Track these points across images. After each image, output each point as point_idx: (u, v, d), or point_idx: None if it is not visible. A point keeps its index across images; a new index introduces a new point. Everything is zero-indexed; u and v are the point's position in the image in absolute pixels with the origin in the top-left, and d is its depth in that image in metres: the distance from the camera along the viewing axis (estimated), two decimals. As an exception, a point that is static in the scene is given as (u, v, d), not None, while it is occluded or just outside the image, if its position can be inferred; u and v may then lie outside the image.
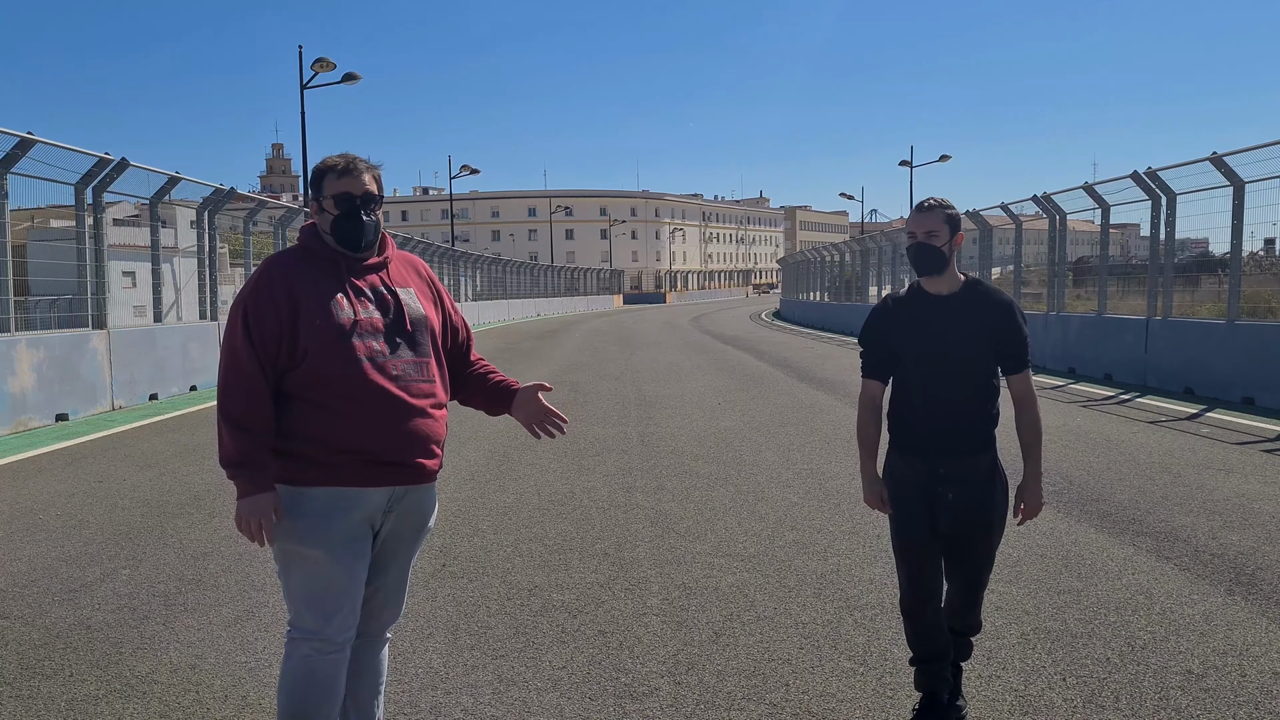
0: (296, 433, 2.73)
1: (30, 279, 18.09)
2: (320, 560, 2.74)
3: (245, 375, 2.70)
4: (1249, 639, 4.23)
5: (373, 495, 2.78)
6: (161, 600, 4.87)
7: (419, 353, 2.86)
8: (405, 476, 2.82)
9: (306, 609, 2.76)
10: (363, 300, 2.80)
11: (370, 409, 2.73)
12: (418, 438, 2.81)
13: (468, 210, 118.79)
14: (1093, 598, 4.78)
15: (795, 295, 47.13)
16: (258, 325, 2.71)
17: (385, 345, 2.79)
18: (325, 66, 25.33)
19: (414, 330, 2.86)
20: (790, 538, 5.95)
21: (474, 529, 6.23)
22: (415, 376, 2.83)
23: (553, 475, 7.93)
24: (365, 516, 2.79)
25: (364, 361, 2.73)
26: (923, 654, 3.42)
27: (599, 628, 4.45)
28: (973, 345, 3.27)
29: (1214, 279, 19.27)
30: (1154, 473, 7.73)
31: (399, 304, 2.86)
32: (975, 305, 3.31)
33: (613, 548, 5.76)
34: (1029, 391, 3.35)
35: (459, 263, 39.42)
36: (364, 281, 2.84)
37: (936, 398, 3.30)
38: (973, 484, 3.31)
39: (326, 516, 2.73)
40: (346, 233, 2.80)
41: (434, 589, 5.01)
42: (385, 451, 2.75)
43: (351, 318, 2.75)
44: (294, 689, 2.79)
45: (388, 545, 2.90)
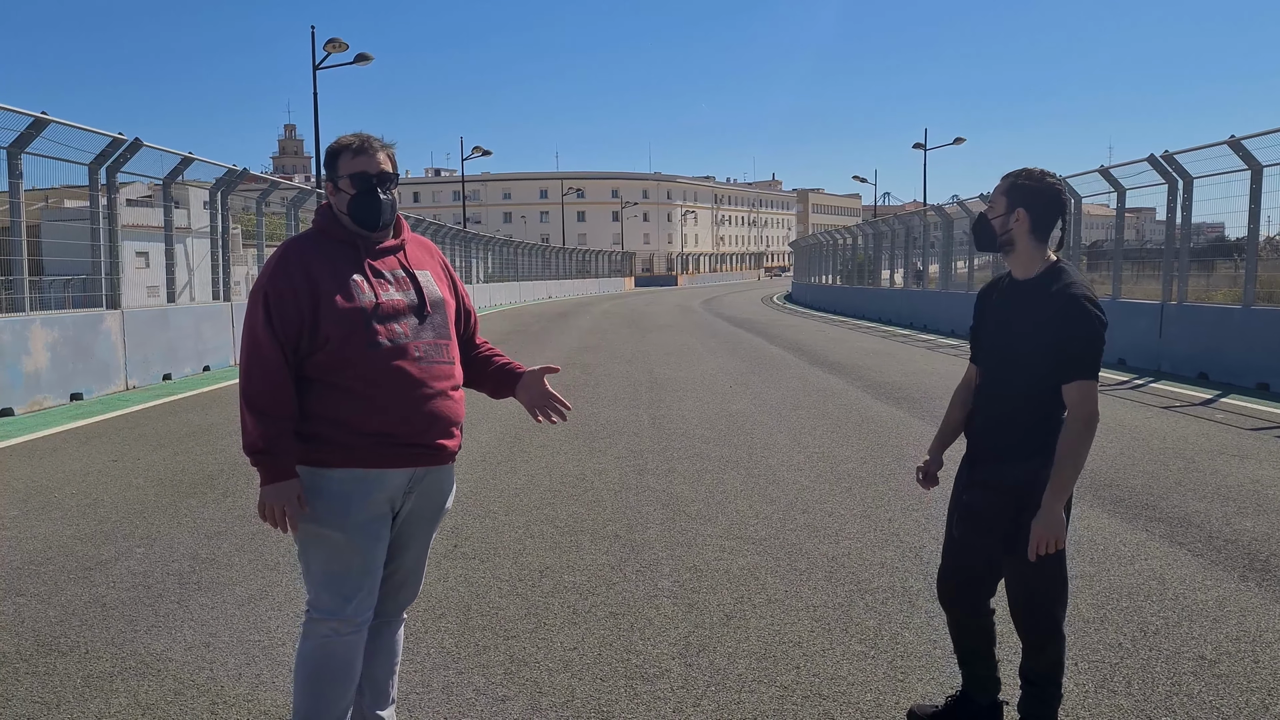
0: (318, 415, 2.74)
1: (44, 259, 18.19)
2: (340, 542, 2.75)
3: (268, 362, 2.70)
4: (1262, 625, 4.22)
5: (394, 476, 2.79)
6: (176, 579, 4.90)
7: (439, 334, 2.88)
8: (426, 458, 2.83)
9: (326, 590, 2.77)
10: (382, 283, 2.80)
11: (392, 391, 2.74)
12: (439, 419, 2.83)
13: (479, 192, 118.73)
14: (1105, 583, 4.77)
15: (807, 279, 46.99)
16: (279, 312, 2.70)
17: (406, 328, 2.79)
18: (338, 47, 25.27)
19: (433, 312, 2.87)
20: (801, 521, 5.95)
21: (485, 510, 6.24)
22: (436, 358, 2.84)
23: (564, 457, 7.94)
24: (386, 498, 2.80)
25: (386, 344, 2.74)
26: (956, 647, 3.27)
27: (610, 609, 4.46)
28: (1027, 341, 2.92)
29: (1229, 264, 19.16)
30: (1167, 458, 7.69)
31: (418, 286, 2.86)
32: (1042, 295, 2.92)
33: (624, 530, 5.77)
34: (1076, 405, 2.87)
35: (471, 244, 39.41)
36: (382, 264, 2.84)
37: (987, 393, 3.07)
38: (999, 492, 2.97)
39: (347, 498, 2.74)
40: (364, 211, 2.78)
41: (446, 570, 5.03)
42: (407, 433, 2.77)
43: (373, 300, 2.75)
44: (311, 670, 2.80)
45: (406, 526, 2.91)
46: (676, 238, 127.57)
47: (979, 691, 3.23)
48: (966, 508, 3.06)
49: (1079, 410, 2.88)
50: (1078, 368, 2.87)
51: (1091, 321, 2.85)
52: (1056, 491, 2.86)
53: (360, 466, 2.74)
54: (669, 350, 18.23)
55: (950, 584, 3.20)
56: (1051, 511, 2.85)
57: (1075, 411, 2.88)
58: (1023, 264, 2.99)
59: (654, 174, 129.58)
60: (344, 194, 2.79)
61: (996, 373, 3.05)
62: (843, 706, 3.50)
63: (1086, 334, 2.85)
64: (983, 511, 3.01)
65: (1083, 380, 2.87)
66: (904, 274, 29.78)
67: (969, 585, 3.15)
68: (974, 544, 3.06)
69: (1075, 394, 2.88)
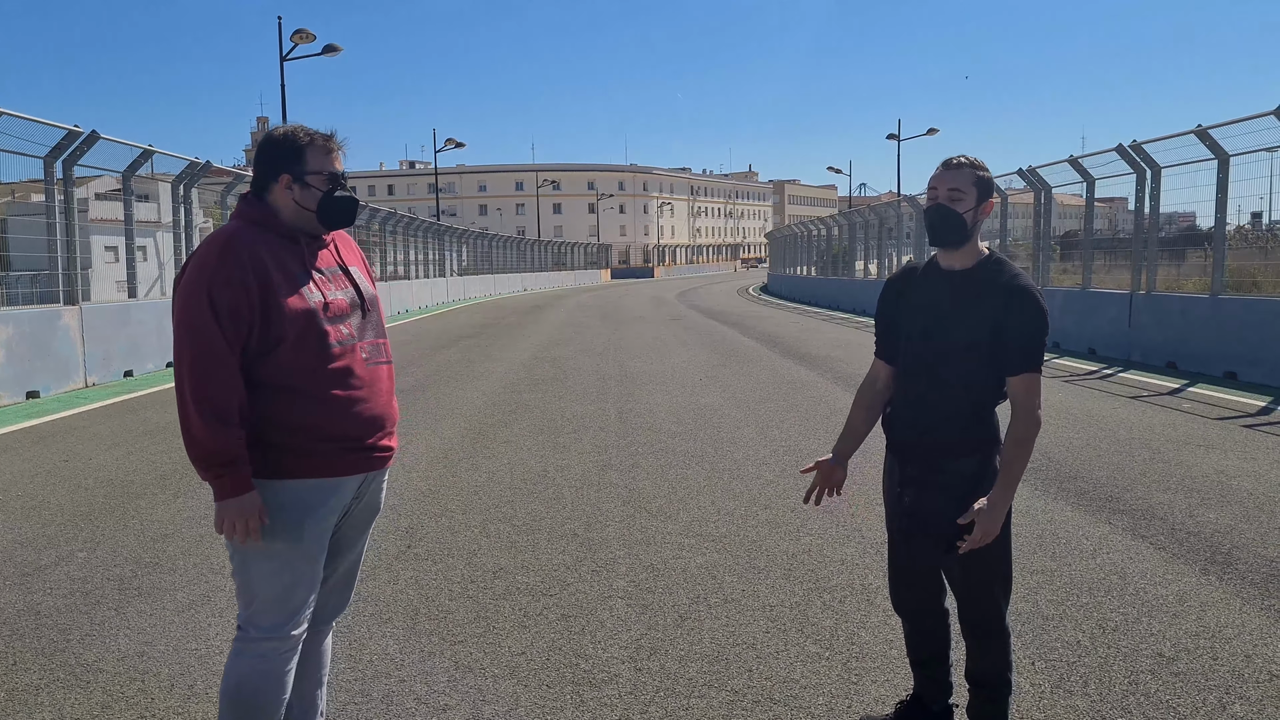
0: (272, 422, 2.58)
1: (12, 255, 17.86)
2: (293, 556, 2.62)
3: (222, 363, 2.51)
4: (1221, 620, 4.16)
5: (348, 484, 2.69)
6: (116, 584, 4.75)
7: (378, 333, 2.80)
8: (376, 461, 2.75)
9: (271, 607, 2.63)
10: (324, 281, 2.69)
11: (345, 395, 2.64)
12: (387, 420, 2.76)
13: (454, 184, 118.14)
14: (1066, 578, 4.71)
15: (783, 270, 47.00)
16: (227, 311, 2.52)
17: (352, 327, 2.70)
18: (305, 38, 24.95)
19: (371, 310, 2.78)
20: (763, 517, 5.86)
21: (442, 509, 6.12)
22: (379, 358, 2.76)
23: (527, 453, 7.82)
24: (339, 505, 2.69)
25: (335, 346, 2.63)
26: (909, 651, 3.18)
27: (562, 611, 4.35)
28: (968, 333, 2.78)
29: (1200, 253, 19.24)
30: (1133, 449, 7.66)
31: (354, 283, 2.77)
32: (983, 286, 2.80)
33: (582, 528, 5.67)
34: (1026, 399, 2.76)
35: (444, 237, 39.10)
36: (320, 261, 2.72)
37: (918, 387, 2.91)
38: (938, 491, 2.85)
39: (303, 510, 2.61)
40: (339, 210, 2.69)
41: (396, 571, 4.91)
42: (361, 437, 2.68)
43: (322, 300, 2.64)
44: (247, 693, 2.65)
45: (346, 533, 2.80)
46: (653, 229, 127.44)
47: (931, 696, 3.14)
48: (907, 509, 2.94)
49: (1027, 402, 2.77)
50: (1026, 360, 2.76)
51: (1040, 314, 2.77)
52: (1006, 488, 2.77)
53: (319, 475, 2.62)
54: (641, 343, 18.13)
55: (900, 588, 3.10)
56: (998, 508, 2.75)
57: (1024, 404, 2.77)
58: (968, 254, 2.87)
59: (630, 166, 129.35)
60: (313, 190, 2.66)
61: (928, 367, 2.88)
62: (794, 711, 3.41)
63: (1035, 327, 2.77)
64: (925, 511, 2.88)
65: (1030, 373, 2.77)
66: (878, 264, 29.79)
67: (919, 588, 3.05)
68: (919, 545, 2.95)
69: (1022, 387, 2.77)
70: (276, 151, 2.69)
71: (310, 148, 2.68)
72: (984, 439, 2.84)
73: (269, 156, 2.70)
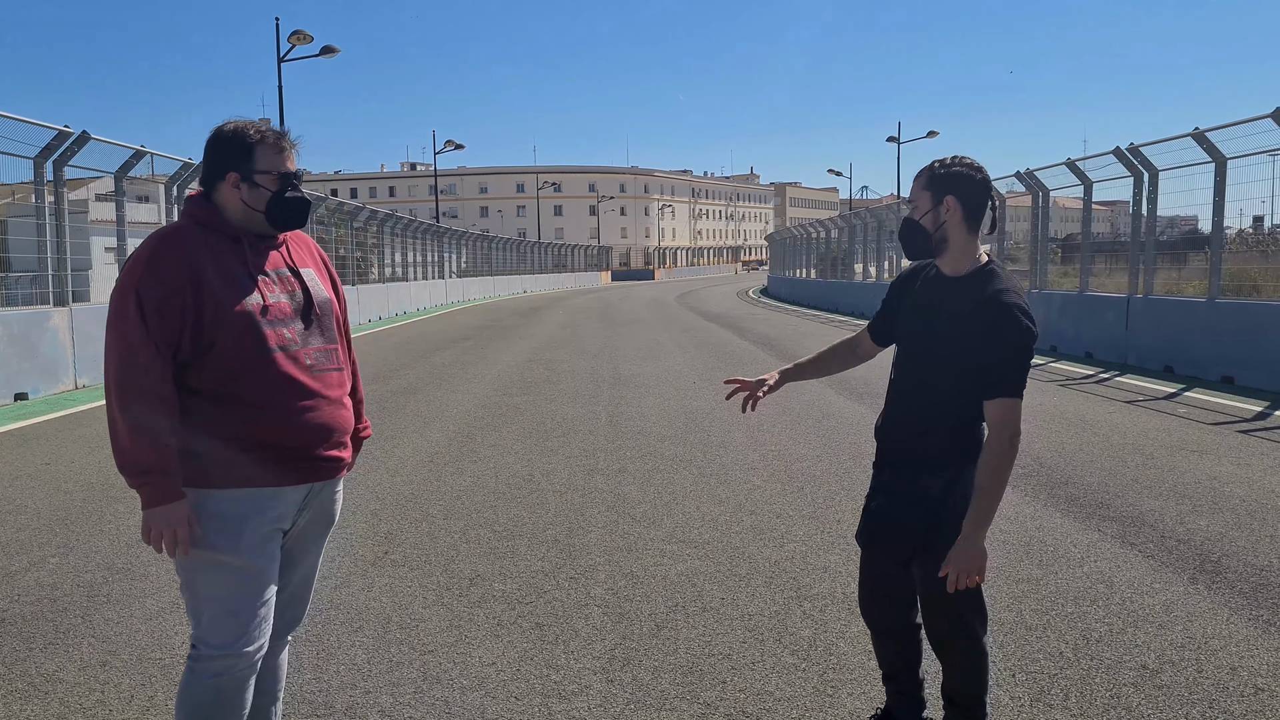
0: (204, 430, 2.48)
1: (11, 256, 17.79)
2: (235, 568, 2.51)
3: (146, 369, 2.41)
4: (1208, 631, 4.08)
5: (289, 494, 2.58)
6: (85, 591, 4.67)
7: (327, 339, 2.66)
8: (321, 472, 2.63)
9: (222, 623, 2.52)
10: (267, 283, 2.56)
11: (284, 402, 2.52)
12: (333, 430, 2.63)
13: (455, 186, 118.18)
14: (1052, 587, 4.63)
15: (783, 272, 46.90)
16: (157, 312, 2.41)
17: (295, 333, 2.57)
18: (302, 39, 24.90)
19: (321, 315, 2.66)
20: (748, 523, 5.78)
21: (424, 514, 6.04)
22: (326, 365, 2.64)
23: (514, 457, 7.74)
24: (280, 516, 2.58)
25: (276, 351, 2.51)
26: (880, 663, 3.09)
27: (536, 620, 4.27)
28: (950, 345, 2.64)
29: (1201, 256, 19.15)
30: (1126, 454, 7.58)
31: (304, 286, 2.64)
32: (970, 298, 2.65)
33: (564, 534, 5.59)
34: (999, 426, 2.60)
35: (443, 238, 39.04)
36: (266, 262, 2.60)
37: (904, 394, 2.80)
38: (905, 502, 2.72)
39: (240, 520, 2.50)
40: (291, 212, 2.58)
41: (371, 578, 4.83)
42: (302, 447, 2.56)
43: (260, 303, 2.51)
44: (200, 712, 2.55)
45: (297, 544, 2.70)
46: (654, 231, 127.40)
47: (903, 711, 3.05)
48: (874, 516, 2.84)
49: (1002, 430, 2.60)
50: (1004, 385, 2.60)
51: (1023, 336, 2.60)
52: (980, 520, 2.61)
53: (253, 485, 2.51)
54: (637, 346, 18.05)
55: (867, 597, 3.00)
56: (974, 542, 2.60)
57: (998, 431, 2.61)
58: (954, 260, 2.73)
59: (631, 168, 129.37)
60: (262, 190, 2.56)
61: (913, 373, 2.79)
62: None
63: (1016, 350, 2.60)
64: (892, 521, 2.78)
65: (1008, 398, 2.60)
66: (877, 267, 29.70)
67: (886, 597, 2.94)
68: (884, 554, 2.85)
69: (998, 412, 2.61)
70: (224, 149, 2.58)
71: (260, 146, 2.57)
72: (959, 456, 2.72)
73: (216, 154, 2.59)
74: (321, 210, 23.85)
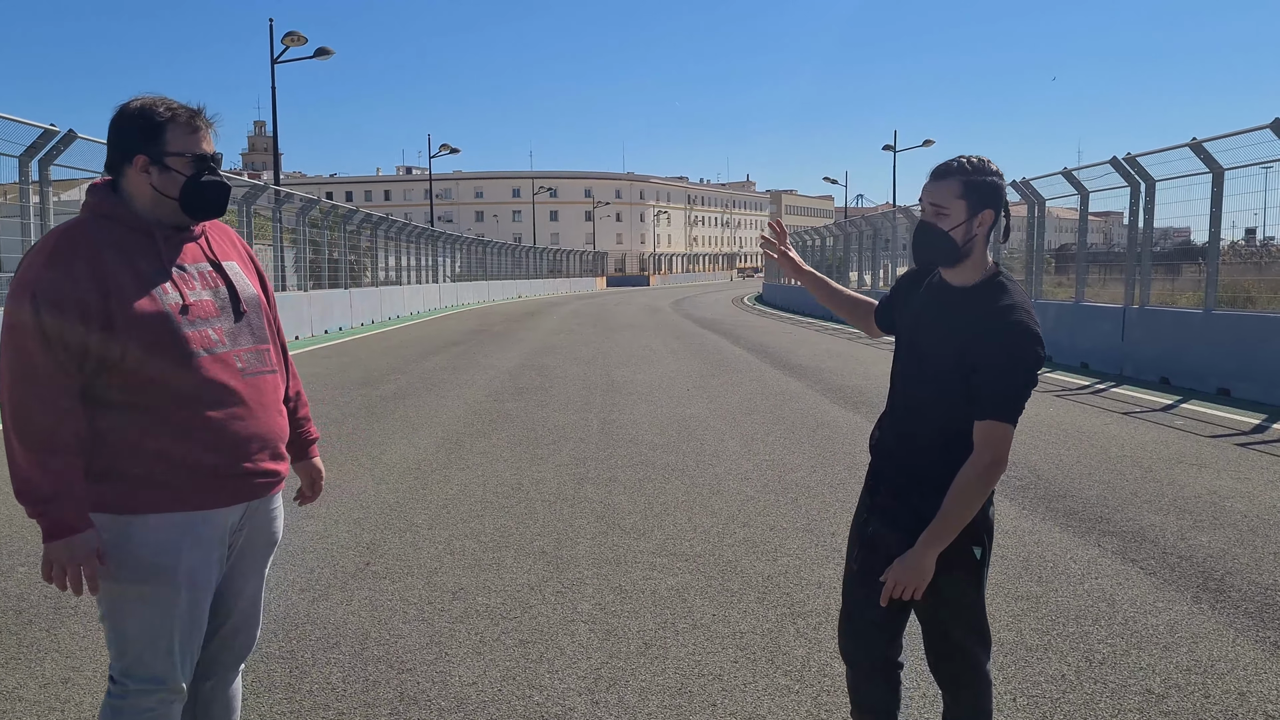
0: (123, 448, 2.24)
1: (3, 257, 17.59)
2: (167, 598, 2.29)
3: (44, 383, 2.16)
4: (1214, 654, 3.95)
5: (223, 515, 2.36)
6: (52, 603, 4.52)
7: (258, 339, 2.43)
8: (259, 488, 2.41)
9: (150, 656, 2.30)
10: (186, 278, 2.32)
11: (213, 412, 2.29)
12: (269, 440, 2.42)
13: (451, 190, 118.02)
14: (1052, 605, 4.49)
15: (778, 279, 46.81)
16: (57, 317, 2.16)
17: (221, 333, 2.34)
18: (296, 40, 24.76)
19: (249, 312, 2.42)
20: (740, 535, 5.64)
21: (408, 524, 5.89)
22: (259, 368, 2.41)
23: (503, 465, 7.60)
24: (215, 539, 2.36)
25: (200, 355, 2.28)
26: (853, 708, 2.78)
27: (521, 637, 4.12)
28: (950, 358, 2.45)
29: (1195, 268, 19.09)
30: (1125, 467, 7.45)
31: (229, 281, 2.40)
32: (978, 310, 2.44)
33: (551, 545, 5.44)
34: (983, 446, 2.39)
35: (438, 242, 38.88)
36: (183, 255, 2.35)
37: (900, 407, 2.62)
38: (902, 528, 2.50)
39: (170, 548, 2.27)
40: (208, 199, 2.32)
41: (351, 591, 4.68)
42: (235, 460, 2.33)
43: (180, 302, 2.27)
44: None
45: (239, 565, 2.48)
46: (649, 238, 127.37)
47: None
48: (870, 539, 2.62)
49: (984, 452, 2.38)
50: (997, 407, 2.37)
51: (1025, 358, 2.37)
52: (933, 537, 2.41)
53: (184, 508, 2.28)
54: (630, 352, 17.91)
55: (854, 633, 2.71)
56: (923, 558, 2.41)
57: (980, 453, 2.39)
58: (967, 272, 2.50)
59: (627, 174, 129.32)
60: (175, 175, 2.29)
61: (917, 386, 2.57)
62: (757, 751, 3.18)
63: (1014, 372, 2.37)
64: (887, 545, 2.54)
65: (998, 422, 2.37)
66: (872, 275, 29.62)
67: (871, 629, 2.67)
68: (871, 583, 2.59)
69: (983, 435, 2.39)
70: (130, 129, 2.29)
71: (172, 124, 2.28)
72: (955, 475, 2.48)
73: (121, 135, 2.30)
74: (315, 212, 23.69)
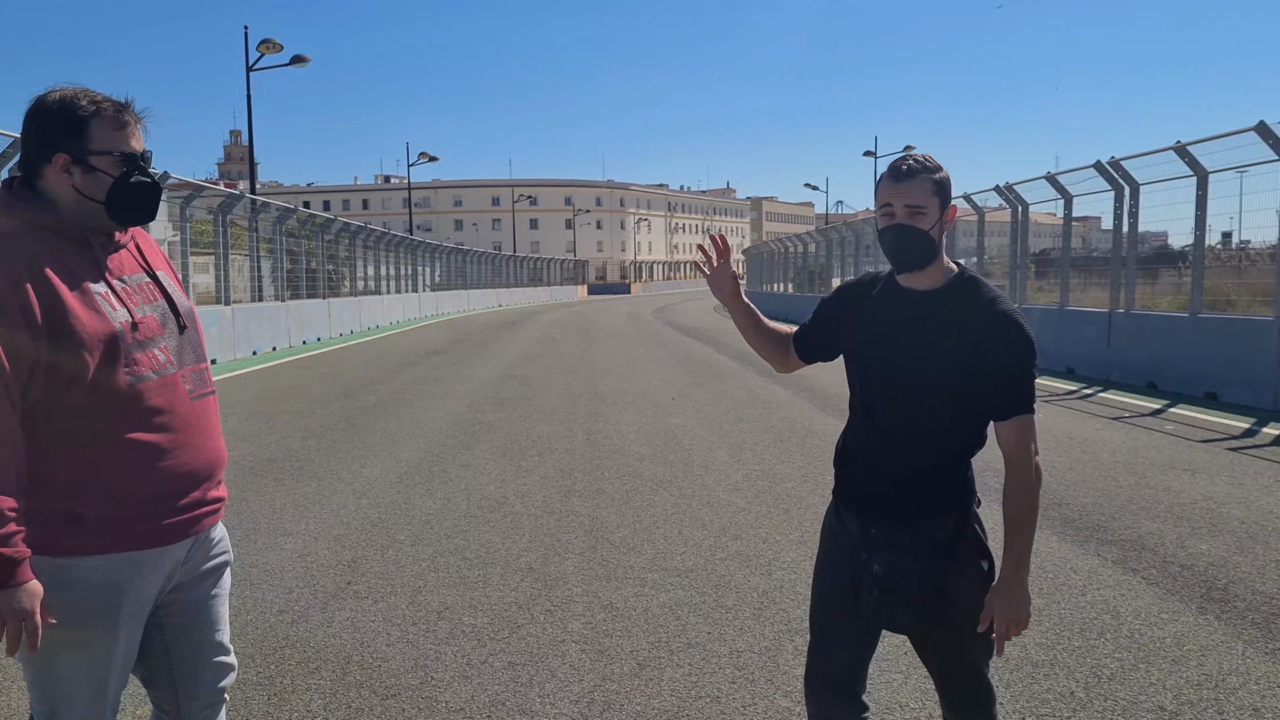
0: (67, 484, 2.03)
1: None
2: (105, 645, 2.10)
3: None
4: (1225, 667, 3.84)
5: (174, 552, 2.17)
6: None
7: (198, 356, 2.25)
8: (205, 521, 2.23)
9: (82, 699, 2.12)
10: (129, 293, 2.13)
11: (166, 442, 2.10)
12: (216, 468, 2.25)
13: (430, 199, 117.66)
14: (1055, 618, 4.38)
15: (760, 287, 46.83)
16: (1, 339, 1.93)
17: (168, 351, 2.15)
18: (272, 48, 24.51)
19: (189, 328, 2.23)
20: (733, 549, 5.51)
21: (390, 540, 5.72)
22: (202, 389, 2.23)
23: (486, 478, 7.43)
24: (162, 577, 2.17)
25: (150, 378, 2.09)
26: None
27: (509, 659, 3.97)
28: (941, 366, 2.28)
29: (1174, 272, 19.14)
30: (1118, 473, 7.37)
31: (167, 294, 2.21)
32: (956, 311, 2.30)
33: (539, 561, 5.29)
34: (1022, 448, 2.25)
35: (417, 251, 38.62)
36: (122, 267, 2.15)
37: (881, 430, 2.38)
38: (912, 555, 2.31)
39: (116, 590, 2.07)
40: (138, 201, 2.11)
41: (332, 612, 4.51)
42: (184, 493, 2.15)
43: (128, 319, 2.08)
44: None
45: (195, 596, 2.28)
46: (630, 245, 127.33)
47: None
48: (877, 578, 2.34)
49: (1025, 453, 2.25)
50: (1016, 401, 2.25)
51: (1028, 344, 2.27)
52: (1021, 559, 2.27)
53: (138, 547, 2.08)
54: (614, 360, 17.77)
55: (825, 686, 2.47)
56: (1019, 585, 2.27)
57: (1021, 454, 2.26)
58: (933, 273, 2.35)
59: (608, 181, 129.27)
60: (100, 175, 2.07)
61: (895, 407, 2.36)
62: (760, 779, 3.04)
63: (1024, 360, 2.26)
64: (899, 577, 2.31)
65: (1025, 414, 2.25)
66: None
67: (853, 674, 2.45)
68: (883, 620, 2.38)
69: (1017, 433, 2.25)
70: (49, 123, 2.07)
71: (96, 119, 2.07)
72: (961, 492, 2.36)
73: (39, 130, 2.08)
74: (292, 222, 23.44)
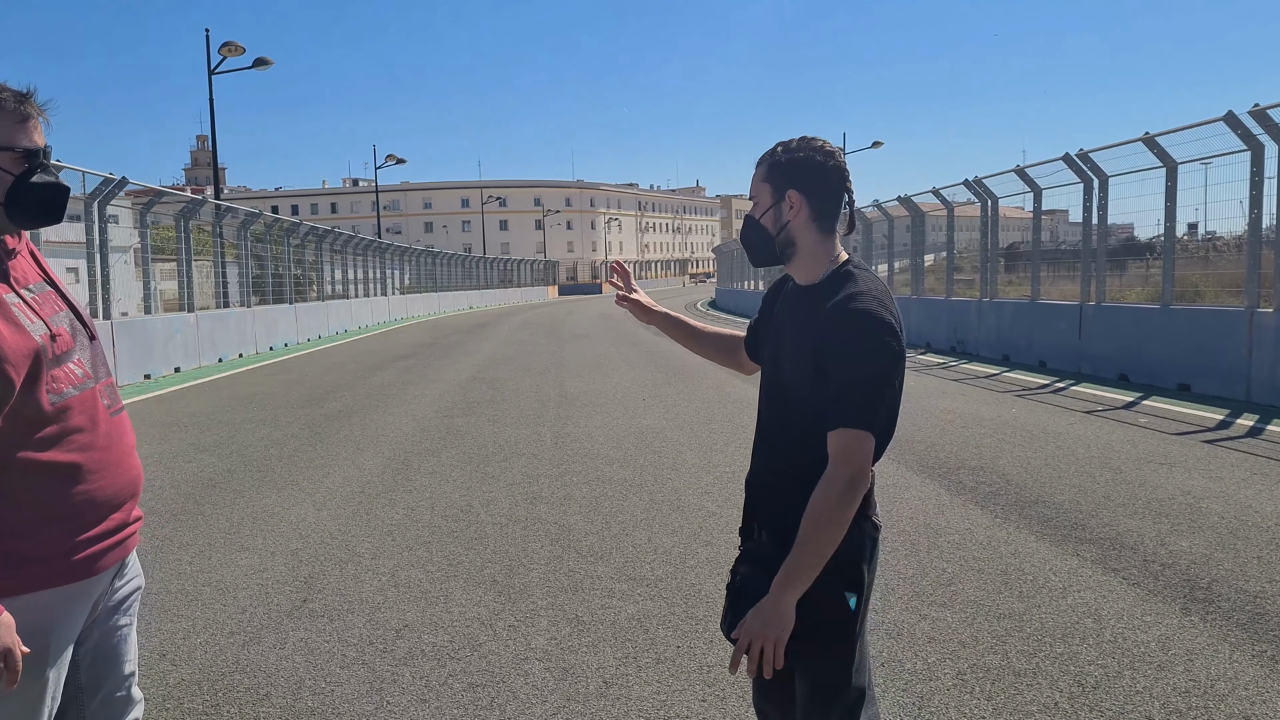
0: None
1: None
2: (32, 691, 1.92)
3: None
4: (1212, 673, 3.71)
5: (101, 580, 2.01)
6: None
7: (106, 369, 2.10)
8: (130, 539, 2.08)
9: None
10: (39, 304, 1.96)
11: (92, 461, 1.95)
12: (136, 486, 2.09)
13: (399, 201, 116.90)
14: (1036, 623, 4.24)
15: (730, 284, 46.75)
16: None
17: (83, 365, 1.99)
18: (234, 50, 24.11)
19: (95, 338, 2.09)
20: (703, 555, 5.34)
21: (350, 554, 5.51)
22: (116, 402, 2.07)
23: (451, 485, 7.23)
24: (88, 608, 2.00)
25: (71, 395, 1.94)
26: None
27: (470, 680, 3.78)
28: (802, 370, 2.07)
29: (1140, 264, 19.19)
30: (1094, 469, 7.27)
31: (71, 304, 2.05)
32: (819, 307, 2.08)
33: (503, 573, 5.10)
34: (836, 460, 1.98)
35: (385, 254, 38.22)
36: (25, 276, 1.98)
37: (760, 435, 2.24)
38: (767, 569, 2.05)
39: (44, 630, 1.89)
40: (42, 201, 1.92)
41: (285, 632, 4.30)
42: (112, 514, 2.00)
43: (46, 332, 1.92)
44: None
45: (112, 627, 2.10)
46: (600, 245, 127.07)
47: None
48: (738, 588, 2.14)
49: (841, 468, 1.97)
50: (843, 411, 1.97)
51: (878, 352, 1.99)
52: (790, 576, 1.98)
53: (58, 584, 1.90)
54: (584, 361, 17.58)
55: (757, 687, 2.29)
56: (779, 602, 1.98)
57: (836, 468, 1.97)
58: (807, 267, 2.15)
59: (577, 181, 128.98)
60: (3, 174, 1.89)
61: (774, 408, 2.20)
62: (733, 806, 2.88)
63: (859, 369, 1.98)
64: (753, 593, 2.07)
65: (848, 429, 1.97)
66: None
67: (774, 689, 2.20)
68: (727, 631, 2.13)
69: (840, 446, 1.97)
70: None
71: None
72: None
73: None
74: (258, 226, 23.05)
